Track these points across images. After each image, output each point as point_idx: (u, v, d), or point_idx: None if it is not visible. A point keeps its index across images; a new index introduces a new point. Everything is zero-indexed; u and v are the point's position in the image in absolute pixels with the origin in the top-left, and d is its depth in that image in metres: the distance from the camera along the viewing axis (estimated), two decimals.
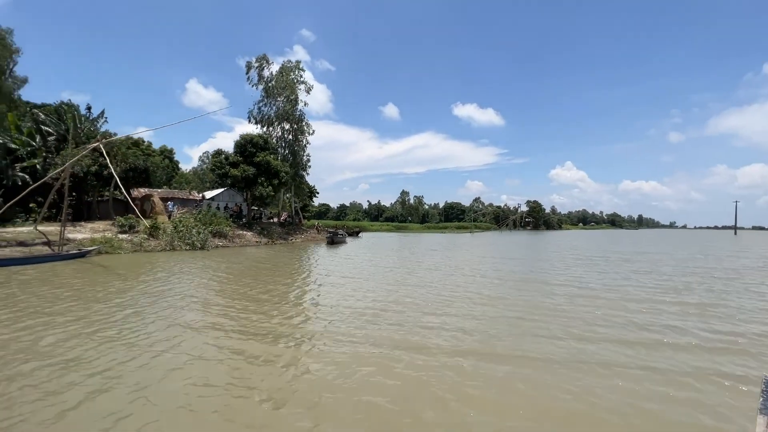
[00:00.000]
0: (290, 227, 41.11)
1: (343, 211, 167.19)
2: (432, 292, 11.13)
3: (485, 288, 12.00)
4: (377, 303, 9.65)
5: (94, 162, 26.92)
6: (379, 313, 8.59)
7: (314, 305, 9.49)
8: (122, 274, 14.07)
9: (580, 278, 14.22)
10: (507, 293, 11.17)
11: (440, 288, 11.89)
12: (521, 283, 13.18)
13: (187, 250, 24.36)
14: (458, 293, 10.99)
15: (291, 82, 40.95)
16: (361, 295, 10.63)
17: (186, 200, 35.36)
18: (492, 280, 13.77)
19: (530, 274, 15.64)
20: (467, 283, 12.77)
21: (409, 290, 11.42)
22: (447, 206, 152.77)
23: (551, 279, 13.97)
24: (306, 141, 43.49)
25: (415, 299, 10.12)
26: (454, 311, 8.84)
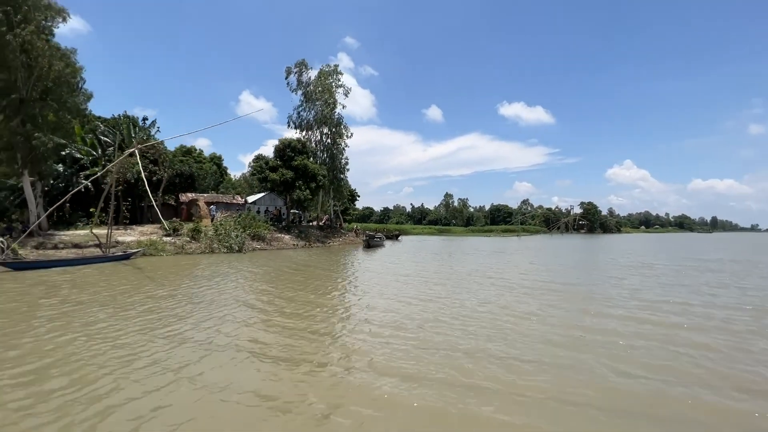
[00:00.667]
0: (329, 230, 41.20)
1: (386, 214, 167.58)
2: (463, 307, 9.91)
3: (531, 304, 10.52)
4: (412, 317, 8.67)
5: (144, 168, 28.52)
6: (418, 330, 7.56)
7: (345, 318, 8.70)
8: (159, 275, 14.30)
9: (641, 292, 12.19)
10: (560, 314, 9.58)
11: (475, 303, 10.61)
12: (577, 299, 10.95)
13: (225, 252, 24.89)
14: (498, 317, 8.85)
15: (329, 86, 41.18)
16: (399, 309, 9.69)
17: (229, 204, 36.60)
18: (543, 294, 12.17)
19: (590, 287, 13.24)
20: (513, 298, 11.30)
21: (443, 306, 10.25)
22: (493, 209, 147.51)
23: (613, 293, 12.04)
24: (344, 144, 43.53)
25: (453, 318, 8.90)
26: (493, 344, 6.84)
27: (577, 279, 14.68)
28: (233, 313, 8.60)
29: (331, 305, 9.72)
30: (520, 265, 19.85)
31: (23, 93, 21.12)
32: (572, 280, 14.39)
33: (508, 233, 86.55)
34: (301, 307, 9.32)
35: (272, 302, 9.82)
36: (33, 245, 20.17)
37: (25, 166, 21.78)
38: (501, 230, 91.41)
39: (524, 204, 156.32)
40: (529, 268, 18.15)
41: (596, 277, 15.56)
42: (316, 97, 40.48)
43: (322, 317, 8.44)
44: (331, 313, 8.81)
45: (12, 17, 19.97)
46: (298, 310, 8.99)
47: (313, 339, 6.86)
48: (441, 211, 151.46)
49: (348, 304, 9.96)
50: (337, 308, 9.39)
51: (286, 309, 9.09)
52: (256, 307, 9.28)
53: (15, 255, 18.02)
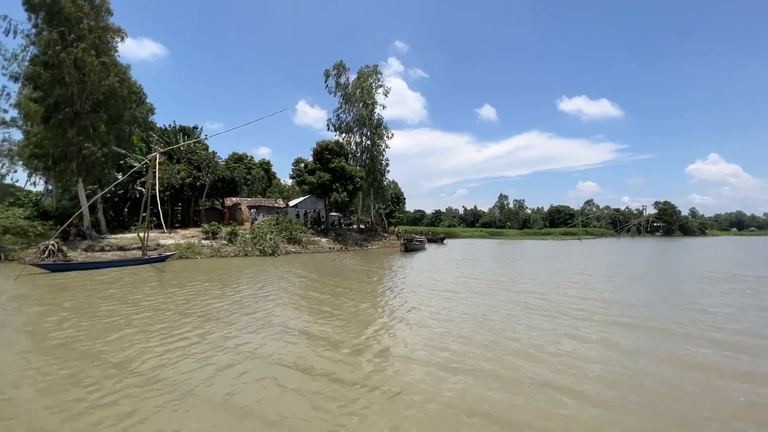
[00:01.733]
0: (369, 233, 40.38)
1: (437, 217, 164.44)
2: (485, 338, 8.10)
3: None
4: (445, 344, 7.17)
5: (188, 174, 29.77)
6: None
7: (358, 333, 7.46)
8: (182, 277, 14.16)
9: (724, 321, 9.38)
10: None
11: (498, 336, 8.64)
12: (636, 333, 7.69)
13: (258, 256, 24.90)
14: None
15: (369, 87, 40.46)
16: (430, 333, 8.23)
17: (271, 208, 37.18)
18: (591, 324, 9.79)
19: (656, 312, 9.45)
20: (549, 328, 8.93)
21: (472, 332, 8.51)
22: (552, 210, 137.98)
23: (683, 318, 9.10)
24: (385, 145, 42.52)
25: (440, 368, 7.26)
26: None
27: (638, 296, 11.91)
28: (212, 333, 7.70)
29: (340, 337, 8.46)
30: (572, 274, 17.11)
31: (77, 106, 22.70)
32: (632, 296, 11.72)
33: (569, 236, 79.72)
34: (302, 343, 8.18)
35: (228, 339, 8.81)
36: (83, 248, 21.56)
37: (80, 174, 23.42)
38: (560, 233, 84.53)
39: (588, 205, 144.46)
40: (582, 279, 15.45)
41: (668, 293, 12.57)
42: (356, 98, 39.94)
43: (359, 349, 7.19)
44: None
45: (66, 36, 21.52)
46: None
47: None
48: (495, 213, 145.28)
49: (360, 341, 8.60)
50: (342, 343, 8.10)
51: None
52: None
53: (65, 257, 19.23)
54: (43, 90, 21.65)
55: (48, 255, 18.71)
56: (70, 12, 21.65)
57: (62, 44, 21.34)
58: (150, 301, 10.29)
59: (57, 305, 9.76)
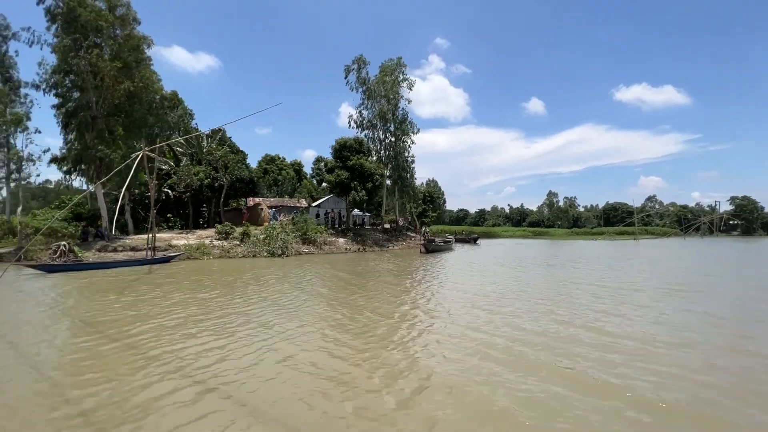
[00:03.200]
0: (394, 233, 38.75)
1: (481, 216, 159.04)
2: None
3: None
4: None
5: (206, 176, 30.06)
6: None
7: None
8: (159, 282, 13.58)
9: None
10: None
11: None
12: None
13: (266, 257, 24.27)
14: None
15: (393, 81, 38.86)
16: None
17: (293, 208, 36.85)
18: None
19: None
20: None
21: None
22: (608, 208, 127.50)
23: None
24: (411, 141, 40.65)
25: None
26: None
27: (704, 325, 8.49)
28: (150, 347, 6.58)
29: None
30: (615, 288, 14.04)
31: (94, 110, 23.45)
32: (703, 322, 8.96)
33: (625, 236, 72.23)
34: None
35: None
36: (97, 248, 22.17)
37: (98, 177, 24.19)
38: (615, 232, 76.88)
39: (650, 201, 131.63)
40: (628, 300, 11.70)
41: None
42: (379, 94, 38.47)
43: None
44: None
45: (81, 43, 22.24)
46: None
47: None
48: (544, 211, 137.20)
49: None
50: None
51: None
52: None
53: (75, 257, 19.72)
54: (62, 96, 22.55)
55: (59, 255, 19.26)
56: (86, 20, 22.37)
57: (76, 50, 22.07)
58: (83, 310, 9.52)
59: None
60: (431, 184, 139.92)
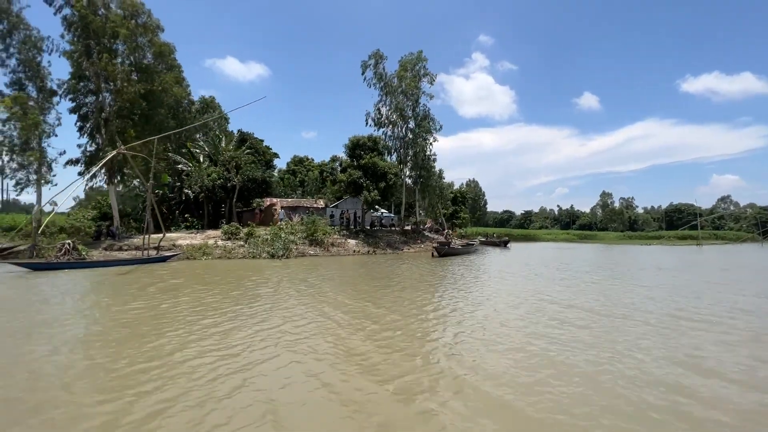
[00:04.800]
0: (412, 235, 36.91)
1: (527, 218, 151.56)
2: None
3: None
4: None
5: (219, 176, 30.29)
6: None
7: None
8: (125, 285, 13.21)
9: None
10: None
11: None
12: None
13: (265, 258, 23.66)
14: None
15: (414, 76, 37.07)
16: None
17: (310, 208, 36.31)
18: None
19: None
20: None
21: None
22: (671, 209, 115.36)
23: None
24: (433, 139, 38.59)
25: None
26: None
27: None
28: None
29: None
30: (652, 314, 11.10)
31: (107, 113, 24.26)
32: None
33: (688, 240, 64.04)
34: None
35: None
36: (104, 247, 22.83)
37: (111, 179, 25.02)
38: (675, 236, 68.40)
39: (723, 202, 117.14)
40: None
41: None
42: (398, 90, 36.82)
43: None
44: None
45: (92, 48, 23.07)
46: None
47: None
48: (597, 213, 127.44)
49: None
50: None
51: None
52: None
53: (79, 255, 20.30)
54: (76, 101, 23.54)
55: (63, 253, 19.90)
56: (97, 26, 23.18)
57: (87, 56, 22.90)
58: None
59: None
60: (471, 185, 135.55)
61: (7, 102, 21.22)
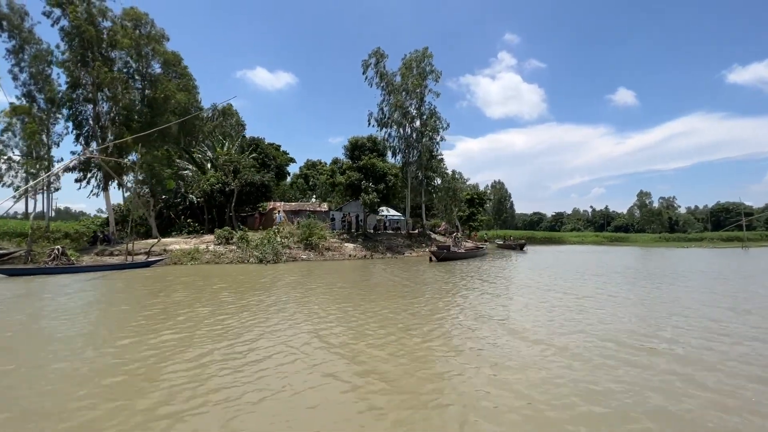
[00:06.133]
0: (418, 238, 35.43)
1: (558, 220, 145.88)
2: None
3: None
4: None
5: (217, 181, 30.23)
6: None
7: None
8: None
9: None
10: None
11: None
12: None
13: (254, 263, 23.09)
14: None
15: (420, 72, 35.80)
16: None
17: (312, 212, 35.70)
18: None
19: None
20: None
21: None
22: (718, 209, 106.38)
23: None
24: (440, 138, 37.10)
25: None
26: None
27: None
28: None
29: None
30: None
31: (103, 121, 24.68)
32: None
33: (734, 243, 58.24)
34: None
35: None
36: (96, 252, 23.09)
37: (106, 185, 25.39)
38: (719, 238, 62.45)
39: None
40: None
41: None
42: (402, 88, 35.62)
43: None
44: None
45: (86, 58, 23.52)
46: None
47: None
48: (635, 213, 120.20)
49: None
50: None
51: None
52: None
53: (68, 260, 20.53)
54: (72, 108, 24.07)
55: (53, 259, 20.19)
56: (91, 36, 23.65)
57: (82, 64, 23.36)
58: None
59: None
60: (496, 186, 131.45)
61: (6, 113, 21.90)
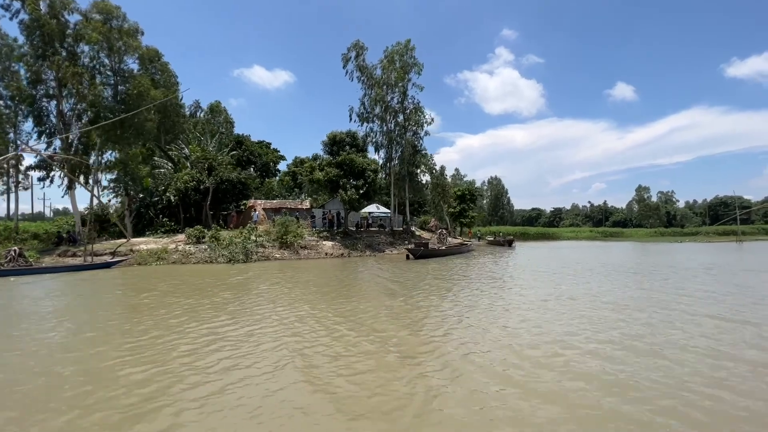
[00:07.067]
0: (402, 235, 34.63)
1: (557, 215, 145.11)
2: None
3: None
4: None
5: (192, 178, 29.43)
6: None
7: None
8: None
9: None
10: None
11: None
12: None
13: (222, 263, 22.33)
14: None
15: (403, 65, 34.88)
16: None
17: (293, 210, 34.88)
18: None
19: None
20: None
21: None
22: (715, 203, 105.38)
23: None
24: (424, 132, 36.22)
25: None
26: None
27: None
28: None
29: None
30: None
31: (67, 118, 23.88)
32: None
33: (730, 236, 57.30)
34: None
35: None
36: (58, 253, 22.34)
37: (71, 184, 24.62)
38: (715, 232, 61.50)
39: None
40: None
41: None
42: (384, 82, 34.73)
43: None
44: None
45: (46, 52, 22.69)
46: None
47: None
48: (634, 208, 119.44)
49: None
50: None
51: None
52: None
53: (26, 262, 19.81)
54: (33, 105, 23.29)
55: (9, 260, 19.46)
56: (52, 29, 22.83)
57: (43, 59, 22.54)
58: None
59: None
60: (493, 182, 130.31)
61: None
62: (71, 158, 21.43)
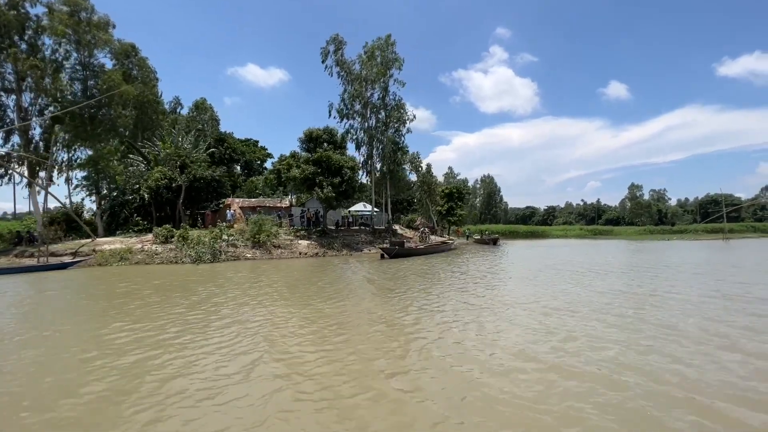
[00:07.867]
0: (383, 234, 33.97)
1: (550, 214, 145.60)
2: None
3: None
4: None
5: (163, 176, 28.51)
6: None
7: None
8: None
9: None
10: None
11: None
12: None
13: (188, 263, 21.56)
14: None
15: (384, 61, 34.16)
16: None
17: (272, 208, 34.10)
18: None
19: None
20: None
21: None
22: (707, 201, 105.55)
23: None
24: (406, 130, 35.54)
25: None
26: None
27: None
28: None
29: None
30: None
31: (27, 113, 22.98)
32: None
33: (719, 234, 57.13)
34: None
35: None
36: (15, 254, 21.47)
37: (30, 182, 23.69)
38: (704, 229, 61.34)
39: (767, 191, 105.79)
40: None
41: None
42: (364, 77, 33.99)
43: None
44: None
45: (2, 43, 21.74)
46: None
47: None
48: (627, 206, 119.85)
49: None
50: None
51: None
52: None
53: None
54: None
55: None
56: (8, 21, 21.90)
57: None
58: None
59: None
60: (486, 180, 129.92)
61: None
62: (29, 156, 20.51)
